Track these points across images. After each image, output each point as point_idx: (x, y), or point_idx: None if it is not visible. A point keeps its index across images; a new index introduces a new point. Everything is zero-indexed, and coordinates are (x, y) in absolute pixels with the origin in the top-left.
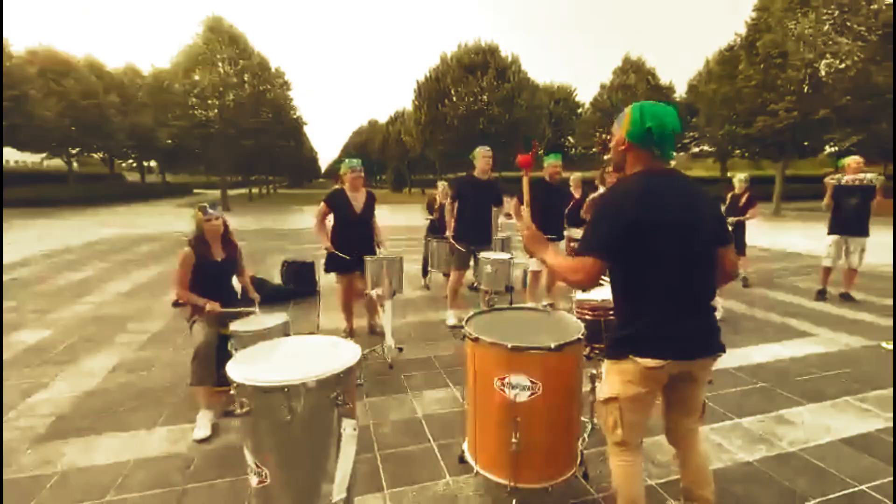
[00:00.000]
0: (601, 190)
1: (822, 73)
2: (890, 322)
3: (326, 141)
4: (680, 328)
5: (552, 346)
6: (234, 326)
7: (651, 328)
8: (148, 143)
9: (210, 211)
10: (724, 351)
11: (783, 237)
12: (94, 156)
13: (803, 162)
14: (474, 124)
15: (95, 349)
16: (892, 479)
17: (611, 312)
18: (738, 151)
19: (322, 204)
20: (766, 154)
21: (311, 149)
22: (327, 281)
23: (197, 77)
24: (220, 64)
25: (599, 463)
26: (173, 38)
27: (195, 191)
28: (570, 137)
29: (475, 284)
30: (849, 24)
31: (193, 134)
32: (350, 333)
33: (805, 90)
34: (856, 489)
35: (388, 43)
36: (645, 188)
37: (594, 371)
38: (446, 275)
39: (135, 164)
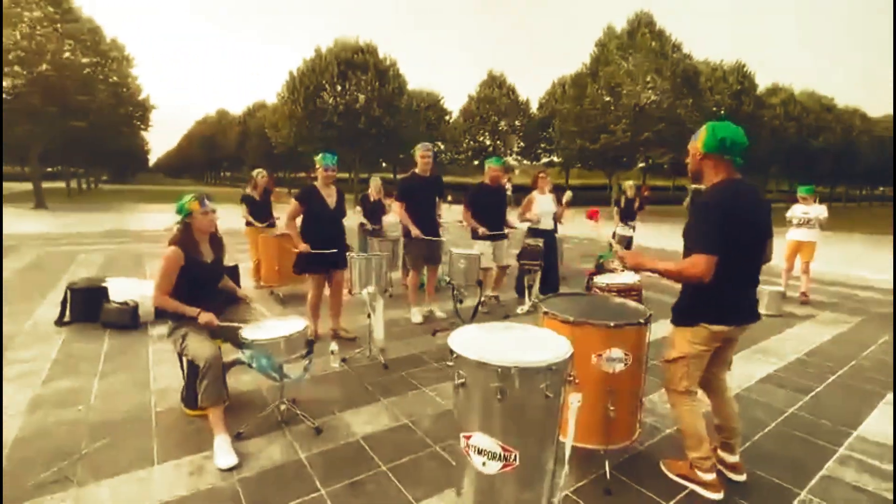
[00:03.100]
0: (536, 193)
1: (643, 103)
2: None
3: (156, 129)
4: (741, 301)
5: (642, 320)
6: (248, 334)
7: (722, 301)
8: None
9: (207, 202)
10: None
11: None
12: None
13: (620, 173)
14: (355, 123)
15: None
16: None
17: (633, 293)
18: (578, 163)
19: (293, 202)
20: (600, 166)
21: (143, 138)
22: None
23: None
24: (29, 23)
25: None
26: None
27: None
28: (439, 143)
29: (448, 279)
30: (659, 68)
31: None
32: (316, 337)
33: (633, 116)
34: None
35: (240, 27)
36: (734, 194)
37: None
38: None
39: None
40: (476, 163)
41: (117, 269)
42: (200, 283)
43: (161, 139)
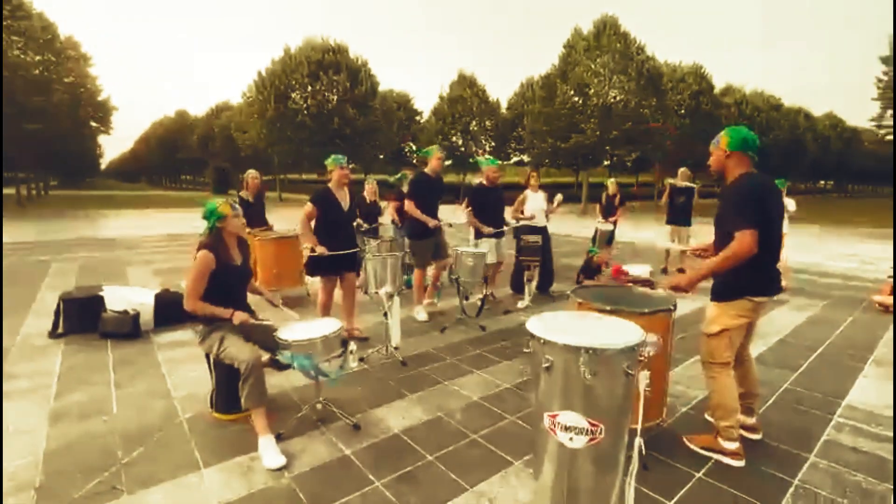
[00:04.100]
0: (528, 191)
1: (611, 102)
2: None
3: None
4: (774, 274)
5: (672, 307)
6: (285, 335)
7: (763, 274)
8: None
9: (237, 206)
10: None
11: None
12: None
13: (588, 171)
14: (328, 124)
15: None
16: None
17: (647, 283)
18: (547, 161)
19: (309, 205)
20: (569, 164)
21: (96, 140)
22: None
23: None
24: None
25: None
26: None
27: None
28: (411, 143)
29: (454, 276)
30: (624, 68)
31: None
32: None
33: (602, 115)
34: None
35: (201, 25)
36: (760, 182)
37: None
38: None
39: None
40: (449, 162)
41: (98, 278)
42: (230, 286)
43: (113, 142)
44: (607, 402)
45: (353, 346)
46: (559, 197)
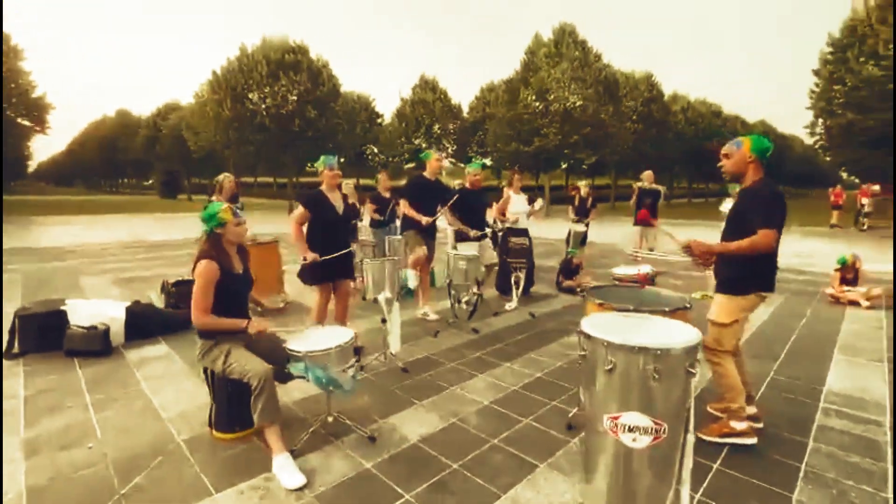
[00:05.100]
0: (511, 192)
1: (570, 107)
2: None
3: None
4: (776, 271)
5: (688, 305)
6: (296, 346)
7: (771, 270)
8: None
9: (239, 212)
10: None
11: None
12: None
13: (545, 175)
14: (288, 125)
15: None
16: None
17: (650, 281)
18: (508, 164)
19: (300, 208)
20: (530, 168)
21: (27, 141)
22: None
23: None
24: None
25: None
26: None
27: None
28: (372, 146)
29: (447, 280)
30: (583, 76)
31: None
32: None
33: (562, 120)
34: None
35: (145, 21)
36: (780, 190)
37: None
38: None
39: None
40: (412, 165)
41: (49, 291)
42: (233, 296)
43: (43, 143)
44: (669, 401)
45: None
46: (540, 201)
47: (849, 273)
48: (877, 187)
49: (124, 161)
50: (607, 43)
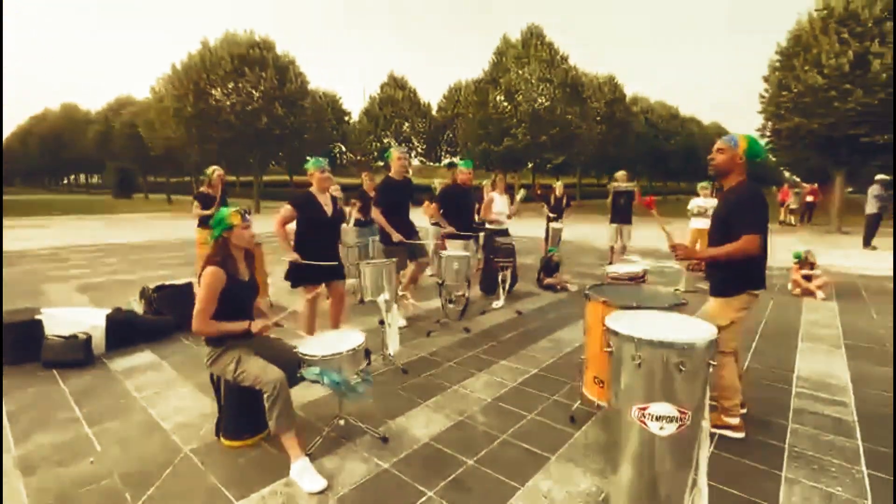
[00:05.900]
0: (495, 192)
1: (538, 108)
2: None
3: None
4: (764, 270)
5: (684, 301)
6: (308, 350)
7: (759, 270)
8: None
9: (247, 216)
10: None
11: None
12: None
13: (513, 174)
14: (255, 123)
15: None
16: None
17: (642, 279)
18: (477, 163)
19: (288, 207)
20: (499, 167)
21: None
22: None
23: None
24: None
25: None
26: None
27: None
28: (339, 144)
29: (440, 280)
30: (550, 77)
31: None
32: None
33: (531, 120)
34: None
35: (94, 10)
36: (762, 192)
37: None
38: None
39: None
40: (380, 164)
41: (12, 299)
42: (239, 303)
43: None
44: (692, 391)
45: None
46: (522, 192)
47: (805, 267)
48: (807, 186)
49: (71, 158)
50: (572, 45)
